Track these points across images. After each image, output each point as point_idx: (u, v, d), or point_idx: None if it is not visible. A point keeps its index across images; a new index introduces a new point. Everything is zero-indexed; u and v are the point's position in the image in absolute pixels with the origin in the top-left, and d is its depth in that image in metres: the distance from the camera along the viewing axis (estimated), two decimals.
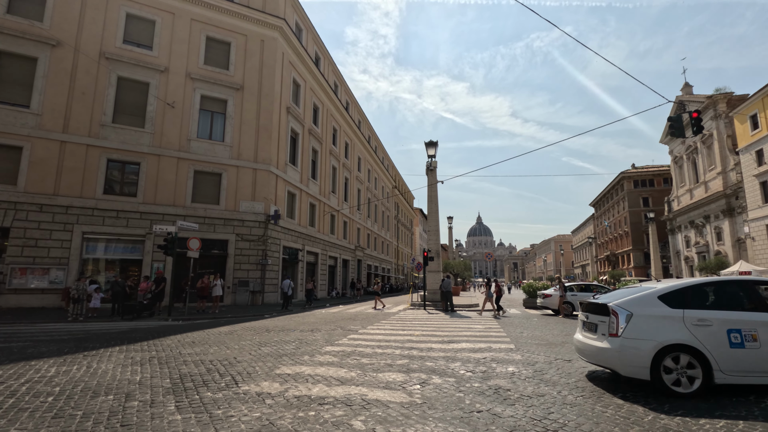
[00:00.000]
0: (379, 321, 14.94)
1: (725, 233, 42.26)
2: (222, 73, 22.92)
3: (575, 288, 18.98)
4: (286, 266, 25.61)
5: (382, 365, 7.09)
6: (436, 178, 24.41)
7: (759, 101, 35.58)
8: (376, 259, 49.49)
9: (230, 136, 22.69)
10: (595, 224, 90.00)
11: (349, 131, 39.53)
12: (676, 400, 4.99)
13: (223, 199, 22.14)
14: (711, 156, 44.68)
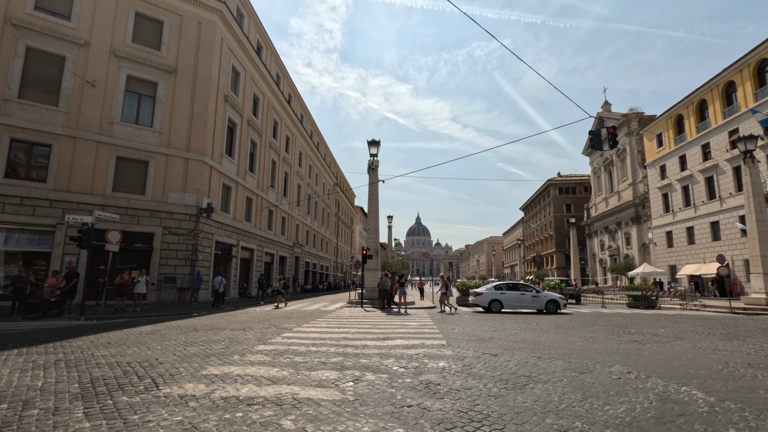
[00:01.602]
0: (315, 319, 14.76)
1: (633, 238, 47.12)
2: (152, 54, 21.27)
3: (503, 286, 20.09)
4: (219, 262, 24.41)
5: (315, 363, 7.01)
6: (378, 177, 24.60)
7: (664, 122, 40.10)
8: (314, 256, 48.81)
9: (160, 121, 21.13)
10: (524, 227, 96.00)
11: (290, 125, 38.56)
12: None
13: (150, 189, 20.58)
14: (624, 168, 49.54)
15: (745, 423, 4.23)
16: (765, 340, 10.32)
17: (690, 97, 35.80)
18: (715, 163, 32.75)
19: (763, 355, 8.28)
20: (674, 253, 38.15)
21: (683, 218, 36.84)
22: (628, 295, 25.34)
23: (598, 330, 12.37)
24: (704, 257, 33.75)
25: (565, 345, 9.35)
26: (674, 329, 12.65)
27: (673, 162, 38.54)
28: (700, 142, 34.75)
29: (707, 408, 4.72)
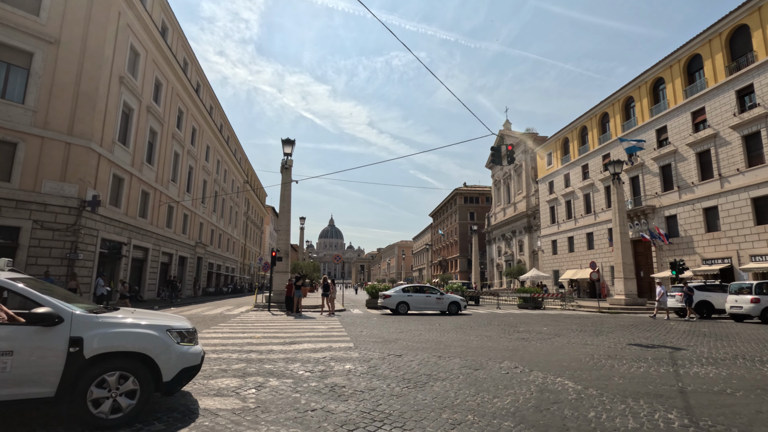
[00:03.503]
0: (217, 324, 13.89)
1: (525, 246, 52.31)
2: (28, 18, 18.26)
3: (411, 289, 20.90)
4: (105, 262, 21.71)
5: (215, 371, 6.62)
6: (291, 177, 24.02)
7: (553, 143, 45.31)
8: (219, 257, 45.89)
9: (35, 98, 18.20)
10: (432, 233, 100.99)
11: (198, 116, 35.87)
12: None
13: (18, 175, 17.58)
14: (520, 182, 54.84)
15: (602, 406, 4.96)
16: (622, 335, 12.17)
17: (574, 123, 40.98)
18: (591, 182, 37.85)
19: (620, 347, 9.77)
20: (558, 260, 43.18)
21: (566, 229, 41.90)
22: (519, 297, 28.03)
23: (492, 329, 13.49)
24: (581, 263, 38.73)
25: (463, 344, 10.05)
26: (554, 327, 14.31)
27: (559, 179, 43.69)
28: (580, 163, 39.91)
29: (575, 395, 5.44)
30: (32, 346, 3.84)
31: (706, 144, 26.17)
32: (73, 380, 3.92)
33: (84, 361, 3.97)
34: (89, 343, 4.01)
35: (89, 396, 3.97)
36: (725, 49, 25.40)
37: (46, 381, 3.84)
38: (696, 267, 25.98)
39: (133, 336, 4.28)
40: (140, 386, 4.18)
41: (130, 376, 4.15)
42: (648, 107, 31.51)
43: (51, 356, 3.88)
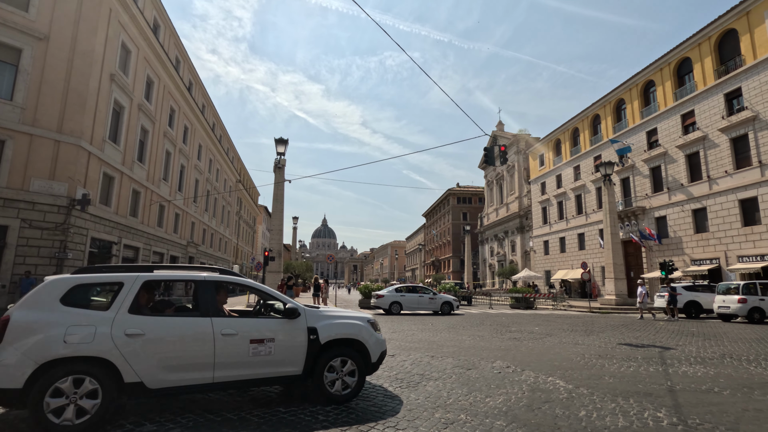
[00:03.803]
0: None
1: (518, 246, 52.63)
2: (16, 14, 17.98)
3: (404, 289, 20.96)
4: (95, 262, 21.44)
5: None
6: (284, 176, 23.92)
7: (545, 144, 45.63)
8: (211, 257, 45.56)
9: (24, 95, 17.91)
10: (425, 233, 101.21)
11: (190, 114, 35.59)
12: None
13: (5, 173, 17.29)
14: (512, 183, 55.16)
15: (593, 405, 5.02)
16: (613, 335, 12.31)
17: (566, 124, 41.31)
18: (583, 183, 38.19)
19: (610, 347, 9.87)
20: (549, 260, 43.50)
21: (558, 229, 42.23)
22: (511, 297, 28.21)
23: (484, 329, 13.56)
24: (572, 264, 39.06)
25: (456, 344, 10.09)
26: (546, 327, 14.43)
27: (551, 180, 44.01)
28: (572, 164, 40.25)
29: (566, 394, 5.49)
30: (286, 334, 4.91)
31: (695, 146, 26.53)
32: (313, 361, 4.96)
33: (319, 346, 5.00)
34: (322, 332, 5.05)
35: (325, 379, 4.96)
36: (714, 52, 25.78)
37: (296, 361, 4.89)
38: (685, 267, 26.34)
39: (351, 326, 5.30)
40: (357, 367, 5.13)
41: (349, 359, 5.10)
42: (639, 109, 31.87)
43: (298, 342, 4.93)
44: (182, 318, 4.59)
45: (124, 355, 4.09)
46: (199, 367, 4.42)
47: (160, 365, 4.25)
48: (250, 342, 4.67)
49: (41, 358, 3.83)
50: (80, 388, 3.89)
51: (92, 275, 4.57)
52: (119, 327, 4.18)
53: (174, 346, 4.38)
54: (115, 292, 4.41)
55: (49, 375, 3.82)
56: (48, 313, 4.08)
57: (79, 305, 4.24)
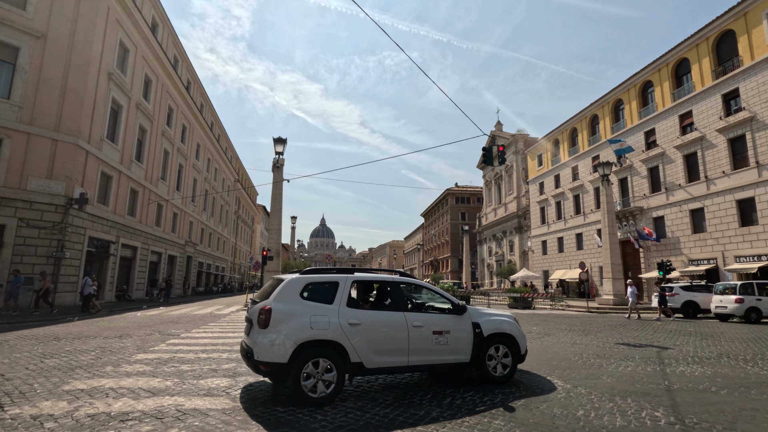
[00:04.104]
0: (207, 324, 13.78)
1: (516, 246, 52.68)
2: (14, 12, 17.93)
3: None
4: (92, 261, 21.40)
5: (205, 371, 6.56)
6: (283, 176, 23.90)
7: (543, 144, 45.69)
8: (209, 256, 45.49)
9: (21, 93, 17.87)
10: (423, 233, 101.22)
11: (188, 113, 35.52)
12: None
13: (3, 172, 17.25)
14: (511, 183, 55.20)
15: (591, 405, 5.03)
16: (610, 335, 12.33)
17: (564, 125, 41.37)
18: (581, 183, 38.25)
19: (608, 347, 9.89)
20: (548, 260, 43.56)
21: (556, 229, 42.28)
22: (509, 297, 28.23)
23: None
24: (570, 264, 39.12)
25: None
26: (544, 327, 14.44)
27: (550, 180, 44.07)
28: (570, 164, 40.30)
29: (564, 394, 5.50)
30: (457, 327, 5.87)
31: (693, 147, 26.60)
32: (477, 351, 5.90)
33: (483, 338, 5.98)
34: (484, 326, 6.05)
35: (489, 366, 5.99)
36: (712, 53, 25.85)
37: (465, 350, 5.86)
38: (683, 268, 26.41)
39: (505, 323, 6.30)
40: (512, 356, 6.17)
41: (505, 349, 6.14)
42: (637, 110, 31.94)
43: (466, 334, 5.91)
44: (385, 312, 5.66)
45: (350, 339, 5.13)
46: (398, 352, 5.42)
47: (372, 349, 5.27)
48: (433, 333, 5.66)
49: (298, 339, 4.91)
50: (320, 367, 4.93)
51: (317, 276, 5.57)
52: (343, 317, 5.23)
53: (381, 334, 5.39)
54: (333, 290, 5.43)
55: (303, 354, 4.87)
56: (294, 305, 5.17)
57: (312, 299, 5.31)
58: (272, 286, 5.55)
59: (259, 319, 5.03)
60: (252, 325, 5.20)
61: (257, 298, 5.67)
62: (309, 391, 4.82)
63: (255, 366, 4.92)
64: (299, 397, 4.81)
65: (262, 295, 5.58)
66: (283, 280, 5.45)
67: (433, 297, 6.80)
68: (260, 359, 4.82)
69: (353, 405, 4.94)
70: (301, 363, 4.83)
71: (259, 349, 4.87)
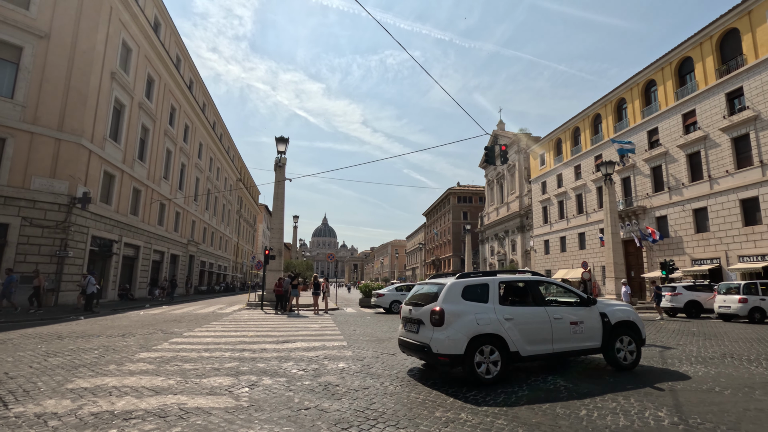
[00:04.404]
0: (209, 322, 13.81)
1: (518, 245, 52.58)
2: (17, 12, 18.01)
3: (404, 288, 20.94)
4: (95, 260, 21.48)
5: (207, 370, 6.57)
6: (285, 175, 23.93)
7: (546, 143, 45.56)
8: (212, 255, 45.59)
9: (24, 93, 17.94)
10: (425, 232, 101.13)
11: (191, 113, 35.59)
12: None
13: (6, 171, 17.33)
14: (513, 182, 55.08)
15: (594, 404, 5.01)
16: None
17: (567, 124, 41.24)
18: (584, 183, 38.14)
19: None
20: (550, 259, 43.46)
21: (558, 229, 42.18)
22: None
23: None
24: (572, 263, 39.02)
25: None
26: None
27: (552, 179, 43.95)
28: (573, 163, 40.19)
29: (567, 393, 5.48)
30: (588, 317, 6.78)
31: (696, 146, 26.48)
32: (606, 338, 6.80)
33: (610, 326, 6.85)
34: (611, 316, 6.92)
35: (616, 352, 6.85)
36: (716, 52, 25.71)
37: (596, 337, 6.77)
38: (686, 267, 26.30)
39: (628, 312, 7.19)
40: (636, 343, 7.00)
41: (629, 337, 6.96)
42: (640, 109, 31.81)
43: (596, 323, 6.80)
44: (529, 307, 6.54)
45: (507, 332, 6.06)
46: (545, 341, 6.33)
47: (525, 339, 6.17)
48: (570, 324, 6.56)
49: (470, 333, 5.88)
50: (487, 355, 5.92)
51: (470, 279, 6.52)
52: (499, 314, 6.17)
53: (530, 326, 6.29)
54: (486, 291, 6.36)
55: (474, 345, 5.85)
56: (459, 306, 6.12)
57: (471, 299, 6.24)
58: (430, 291, 6.69)
59: (432, 318, 6.04)
60: (421, 324, 6.27)
61: (413, 301, 6.81)
62: (482, 373, 5.85)
63: (433, 358, 5.90)
64: (474, 379, 5.83)
65: (420, 299, 6.71)
66: (443, 284, 6.43)
67: (560, 292, 7.83)
68: (439, 352, 5.80)
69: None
70: (472, 353, 5.84)
71: (437, 344, 5.84)
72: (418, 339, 6.24)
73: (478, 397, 5.26)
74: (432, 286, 6.75)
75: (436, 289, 6.49)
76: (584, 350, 6.68)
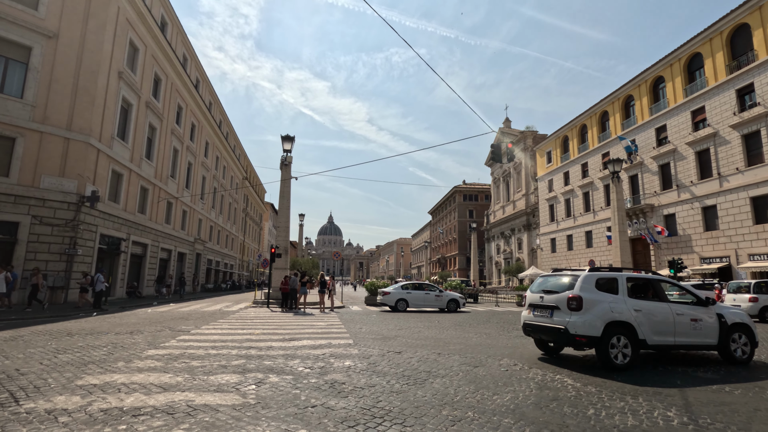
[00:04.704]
0: (216, 320, 13.89)
1: (524, 244, 52.35)
2: (26, 12, 18.19)
3: (410, 286, 20.92)
4: (104, 258, 21.70)
5: (215, 367, 6.61)
6: (291, 173, 23.98)
7: (552, 141, 45.28)
8: (218, 253, 45.87)
9: (34, 93, 18.13)
10: (431, 230, 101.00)
11: (197, 112, 35.78)
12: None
13: (16, 170, 17.54)
14: (519, 180, 54.82)
15: (601, 403, 4.98)
16: None
17: (574, 121, 40.94)
18: (591, 181, 37.86)
19: None
20: (557, 258, 43.22)
21: (565, 227, 41.93)
22: (517, 295, 28.06)
23: (491, 327, 13.51)
24: (579, 262, 38.78)
25: (463, 341, 10.07)
26: None
27: (559, 177, 43.68)
28: (580, 161, 39.90)
29: (574, 392, 5.45)
30: (706, 316, 7.47)
31: (706, 143, 26.18)
32: (723, 336, 7.43)
33: (727, 326, 7.49)
34: (727, 317, 7.56)
35: (732, 348, 7.51)
36: (726, 47, 25.37)
37: (713, 335, 7.43)
38: (694, 266, 26.05)
39: (742, 315, 7.81)
40: (750, 343, 7.61)
41: (743, 335, 7.62)
42: (648, 106, 31.49)
43: (713, 322, 7.47)
44: (654, 302, 7.33)
45: (637, 321, 6.88)
46: (667, 333, 7.11)
47: (651, 330, 6.98)
48: (690, 320, 7.30)
49: (606, 319, 6.73)
50: (620, 341, 6.76)
51: (601, 273, 7.47)
52: (630, 304, 7.01)
53: (656, 318, 7.08)
54: (615, 284, 7.24)
55: (608, 331, 6.70)
56: (595, 294, 6.99)
57: (604, 290, 7.12)
58: (562, 281, 7.55)
59: (569, 304, 6.95)
60: (556, 310, 7.22)
61: (543, 290, 7.78)
62: (614, 358, 6.65)
63: (569, 338, 6.79)
64: (607, 363, 6.64)
65: (552, 287, 7.64)
66: (577, 275, 7.33)
67: (679, 292, 8.58)
68: (577, 333, 6.69)
69: None
70: (607, 337, 6.65)
71: (575, 327, 6.73)
72: (553, 323, 7.17)
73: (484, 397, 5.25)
74: (563, 277, 7.70)
75: (569, 280, 7.43)
76: (702, 345, 7.39)
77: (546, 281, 8.08)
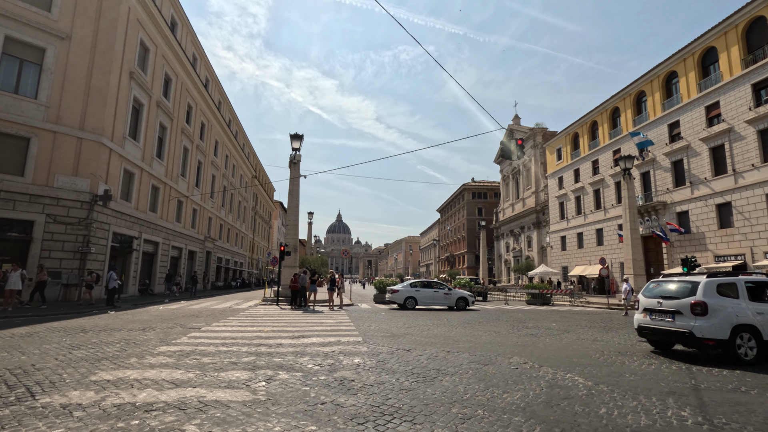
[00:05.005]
0: (226, 317, 14.02)
1: (534, 241, 51.95)
2: (40, 14, 18.46)
3: (419, 284, 20.88)
4: (116, 256, 22.00)
5: (225, 364, 6.67)
6: (299, 172, 24.07)
7: (563, 138, 44.80)
8: (228, 251, 46.27)
9: (47, 93, 18.42)
10: (439, 228, 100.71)
11: (207, 111, 36.06)
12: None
13: (31, 170, 17.85)
14: (529, 178, 54.35)
15: (613, 402, 4.92)
16: (632, 332, 12.04)
17: (584, 118, 40.44)
18: (601, 178, 37.40)
19: (630, 344, 9.67)
20: (567, 256, 42.82)
21: (575, 225, 41.50)
22: (527, 293, 27.88)
23: (500, 325, 13.44)
24: (590, 260, 38.37)
25: (472, 339, 10.03)
26: (564, 323, 14.22)
27: (569, 174, 43.22)
28: (591, 158, 39.43)
29: (586, 391, 5.40)
30: None
31: (720, 139, 25.68)
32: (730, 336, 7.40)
33: None
34: None
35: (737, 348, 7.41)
36: (741, 41, 24.83)
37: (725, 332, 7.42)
38: (708, 264, 25.61)
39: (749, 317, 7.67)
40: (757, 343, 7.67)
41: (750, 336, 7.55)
42: (660, 101, 30.98)
43: None
44: None
45: (760, 324, 7.41)
46: None
47: None
48: None
49: (732, 323, 7.32)
50: (746, 341, 7.36)
51: (721, 278, 7.89)
52: (751, 308, 7.51)
53: None
54: (735, 288, 7.71)
55: (735, 332, 7.31)
56: (717, 300, 7.50)
57: (724, 295, 7.59)
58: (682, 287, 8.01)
59: (694, 309, 7.47)
60: (678, 314, 7.72)
61: (659, 295, 8.28)
62: (742, 356, 7.27)
63: (696, 341, 7.41)
64: (735, 360, 7.29)
65: (671, 293, 8.10)
66: (697, 282, 7.80)
67: None
68: (705, 336, 7.27)
69: None
70: (734, 338, 7.26)
71: (701, 331, 7.31)
72: (676, 326, 7.71)
73: (492, 396, 5.21)
74: (683, 283, 8.10)
75: (690, 286, 7.87)
76: None
77: (661, 286, 8.52)
